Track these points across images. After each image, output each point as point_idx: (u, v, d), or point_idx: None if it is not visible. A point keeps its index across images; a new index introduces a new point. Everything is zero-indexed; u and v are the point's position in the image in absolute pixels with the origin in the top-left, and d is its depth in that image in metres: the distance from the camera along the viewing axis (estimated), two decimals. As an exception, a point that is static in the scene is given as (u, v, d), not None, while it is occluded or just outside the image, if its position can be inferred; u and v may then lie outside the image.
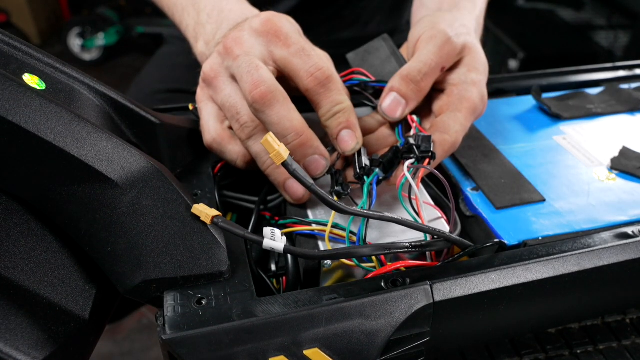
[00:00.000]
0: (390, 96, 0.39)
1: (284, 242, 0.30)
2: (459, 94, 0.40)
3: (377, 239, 0.36)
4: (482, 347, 0.38)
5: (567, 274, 0.33)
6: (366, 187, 0.36)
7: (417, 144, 0.37)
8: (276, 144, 0.28)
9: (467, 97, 0.40)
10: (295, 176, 0.29)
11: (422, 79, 0.39)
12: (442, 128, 0.38)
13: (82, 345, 0.31)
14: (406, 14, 0.82)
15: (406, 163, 0.36)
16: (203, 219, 0.31)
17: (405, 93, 0.39)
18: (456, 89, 0.41)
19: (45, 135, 0.28)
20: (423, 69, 0.39)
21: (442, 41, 0.40)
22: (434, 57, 0.40)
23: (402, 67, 0.41)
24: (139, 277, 0.29)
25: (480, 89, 0.41)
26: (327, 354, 0.28)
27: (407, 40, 0.44)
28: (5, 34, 0.33)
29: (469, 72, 0.41)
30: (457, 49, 0.41)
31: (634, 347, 0.39)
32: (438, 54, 0.40)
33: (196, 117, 0.42)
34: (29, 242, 0.30)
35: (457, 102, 0.40)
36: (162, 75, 0.79)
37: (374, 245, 0.31)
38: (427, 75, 0.39)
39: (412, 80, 0.39)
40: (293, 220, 0.38)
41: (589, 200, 0.40)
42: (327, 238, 0.35)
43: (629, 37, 1.76)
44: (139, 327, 1.29)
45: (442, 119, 0.39)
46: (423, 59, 0.39)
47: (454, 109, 0.40)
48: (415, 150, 0.37)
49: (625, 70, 0.61)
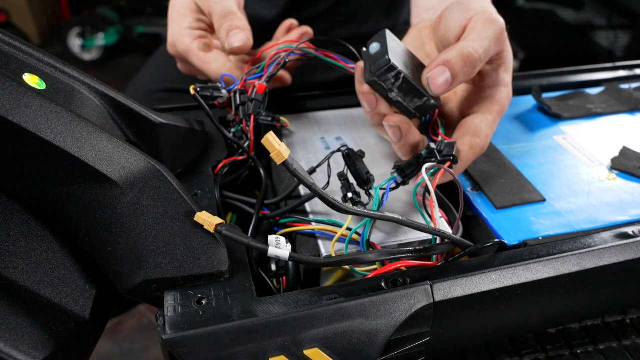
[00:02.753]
0: (440, 69, 0.36)
1: (289, 249, 0.30)
2: (491, 96, 0.39)
3: (382, 240, 0.36)
4: (482, 347, 0.38)
5: (567, 274, 0.33)
6: (377, 190, 0.36)
7: (440, 149, 0.37)
8: (277, 143, 0.28)
9: (498, 100, 0.39)
10: (296, 175, 0.29)
11: (479, 64, 0.37)
12: (473, 131, 0.38)
13: (82, 345, 0.31)
14: (404, 13, 0.82)
15: (425, 165, 0.35)
16: (207, 227, 0.30)
17: (457, 73, 0.36)
18: (489, 89, 0.39)
19: (45, 135, 0.28)
20: (482, 55, 0.36)
21: (500, 29, 0.38)
22: (492, 44, 0.37)
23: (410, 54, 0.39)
24: (139, 277, 0.29)
25: (509, 91, 0.40)
26: (327, 354, 0.28)
27: (438, 24, 0.42)
28: (5, 34, 0.33)
29: (504, 72, 0.40)
30: (506, 41, 0.39)
31: (634, 347, 0.39)
32: (495, 42, 0.37)
33: (199, 102, 0.43)
34: (29, 242, 0.30)
35: (489, 104, 0.39)
36: (160, 75, 0.79)
37: (378, 251, 0.31)
38: (483, 62, 0.37)
39: (470, 63, 0.36)
40: (294, 219, 0.38)
41: (589, 200, 0.40)
42: (334, 240, 0.35)
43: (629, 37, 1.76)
44: (139, 327, 1.29)
45: (473, 121, 0.38)
46: (484, 44, 0.36)
47: (485, 110, 0.39)
48: (437, 154, 0.36)
49: (625, 70, 0.61)
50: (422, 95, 0.38)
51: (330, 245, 0.35)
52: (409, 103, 0.38)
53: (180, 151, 0.40)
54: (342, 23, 0.77)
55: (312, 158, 0.45)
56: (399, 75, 0.37)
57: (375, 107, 0.39)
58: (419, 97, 0.38)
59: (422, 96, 0.38)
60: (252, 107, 0.43)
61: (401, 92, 0.38)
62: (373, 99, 0.39)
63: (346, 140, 0.48)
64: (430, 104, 0.38)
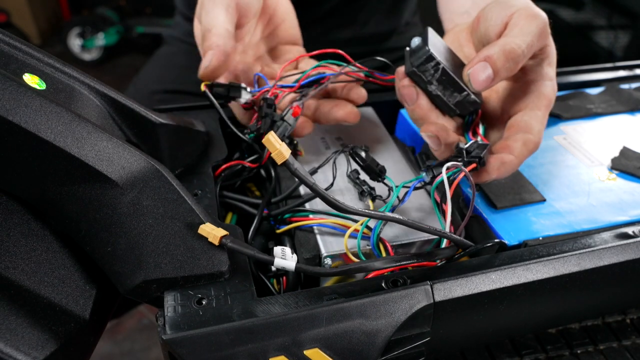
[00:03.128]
0: (482, 65, 0.36)
1: (295, 260, 0.30)
2: (537, 90, 0.39)
3: (392, 236, 0.36)
4: (482, 347, 0.38)
5: (567, 274, 0.33)
6: (400, 187, 0.36)
7: (470, 149, 0.36)
8: (277, 143, 0.28)
9: (545, 94, 0.38)
10: (297, 175, 0.29)
11: (521, 60, 0.36)
12: (524, 128, 0.37)
13: (82, 345, 0.31)
14: (405, 14, 0.82)
15: (447, 164, 0.35)
16: (211, 239, 0.30)
17: (499, 68, 0.36)
18: (534, 85, 0.39)
19: (45, 135, 0.28)
20: (525, 51, 0.36)
21: (543, 24, 0.37)
22: (535, 39, 0.36)
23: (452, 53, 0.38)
24: (139, 277, 0.29)
25: (555, 85, 0.39)
26: (327, 354, 0.28)
27: (477, 24, 0.41)
28: (6, 34, 0.33)
29: (548, 66, 0.39)
30: (549, 36, 0.38)
31: (634, 347, 0.39)
32: (538, 37, 0.37)
33: (210, 100, 0.41)
34: (29, 242, 0.30)
35: (535, 100, 0.38)
36: (160, 75, 0.78)
37: (384, 259, 0.31)
38: (526, 57, 0.36)
39: (512, 58, 0.36)
40: (303, 213, 0.38)
41: (589, 200, 0.40)
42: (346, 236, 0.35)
43: (629, 37, 1.76)
44: (139, 327, 1.29)
45: (522, 118, 0.38)
46: (527, 40, 0.36)
47: (533, 106, 0.38)
48: (464, 154, 0.36)
49: (625, 70, 0.61)
50: (462, 90, 0.38)
51: (344, 242, 0.35)
52: (449, 98, 0.38)
53: (180, 151, 0.40)
54: (344, 25, 0.77)
55: (313, 158, 0.45)
56: (438, 66, 0.37)
57: (416, 100, 0.39)
58: (458, 91, 0.38)
59: (462, 90, 0.38)
60: (281, 129, 0.40)
61: (440, 85, 0.38)
62: (413, 92, 0.38)
63: (346, 140, 0.48)
64: (470, 100, 0.38)
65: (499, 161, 0.36)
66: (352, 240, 0.36)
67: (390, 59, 0.47)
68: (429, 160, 0.38)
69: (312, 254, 0.36)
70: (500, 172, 0.36)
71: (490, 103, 0.43)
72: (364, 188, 0.38)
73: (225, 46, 0.40)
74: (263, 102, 0.40)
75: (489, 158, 0.36)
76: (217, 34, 0.40)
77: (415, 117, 0.40)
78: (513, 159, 0.36)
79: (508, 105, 0.41)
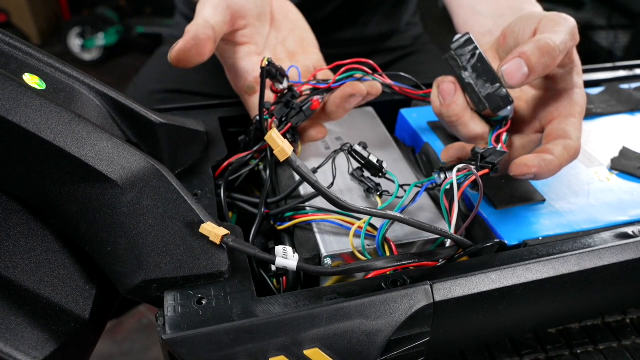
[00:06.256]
0: (516, 61, 0.35)
1: (296, 259, 0.30)
2: (569, 99, 0.39)
3: (396, 234, 0.36)
4: (482, 347, 0.38)
5: (567, 274, 0.33)
6: (412, 186, 0.37)
7: (485, 154, 0.36)
8: (280, 140, 0.28)
9: (577, 101, 0.39)
10: (300, 172, 0.29)
11: (557, 56, 0.35)
12: (563, 135, 0.37)
13: (82, 345, 0.31)
14: (406, 15, 0.82)
15: (458, 166, 0.35)
16: (212, 238, 0.30)
17: (534, 64, 0.35)
18: (566, 93, 0.39)
19: (45, 135, 0.28)
20: (560, 47, 0.35)
21: (573, 24, 0.37)
22: (568, 37, 0.36)
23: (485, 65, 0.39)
24: (139, 277, 0.29)
25: (584, 93, 0.40)
26: (327, 354, 0.28)
27: (503, 40, 0.41)
28: (5, 34, 0.33)
29: (577, 75, 0.40)
30: (578, 40, 0.38)
31: (634, 347, 0.39)
32: (571, 36, 0.36)
33: (262, 77, 0.40)
34: (29, 242, 0.30)
35: (569, 107, 0.39)
36: (161, 75, 0.79)
37: (386, 258, 0.32)
38: (561, 54, 0.36)
39: (548, 53, 0.35)
40: (310, 210, 0.38)
41: (589, 200, 0.40)
42: (351, 233, 0.35)
43: (629, 37, 1.76)
44: (139, 327, 1.29)
45: (559, 125, 0.38)
46: (560, 37, 0.36)
47: (568, 114, 0.38)
48: (479, 158, 0.36)
49: (625, 70, 0.61)
50: (495, 81, 0.38)
51: (349, 240, 0.35)
52: (481, 88, 0.39)
53: (180, 151, 0.40)
54: (345, 26, 0.77)
55: (312, 158, 0.45)
56: (475, 51, 0.38)
57: (454, 96, 0.39)
58: (491, 81, 0.38)
59: (495, 82, 0.38)
60: (296, 117, 0.41)
61: (475, 73, 0.38)
62: (452, 88, 0.39)
63: (346, 140, 0.48)
64: (502, 94, 0.38)
65: (539, 158, 0.35)
66: (356, 240, 0.36)
67: (391, 58, 0.47)
68: (443, 163, 0.39)
69: (312, 254, 0.36)
70: (542, 168, 0.35)
71: (519, 112, 0.43)
72: (370, 185, 0.39)
73: (197, 32, 0.39)
74: (288, 90, 0.42)
75: (527, 155, 0.36)
76: (193, 24, 0.40)
77: (450, 114, 0.40)
78: (554, 158, 0.36)
79: (540, 113, 0.41)
